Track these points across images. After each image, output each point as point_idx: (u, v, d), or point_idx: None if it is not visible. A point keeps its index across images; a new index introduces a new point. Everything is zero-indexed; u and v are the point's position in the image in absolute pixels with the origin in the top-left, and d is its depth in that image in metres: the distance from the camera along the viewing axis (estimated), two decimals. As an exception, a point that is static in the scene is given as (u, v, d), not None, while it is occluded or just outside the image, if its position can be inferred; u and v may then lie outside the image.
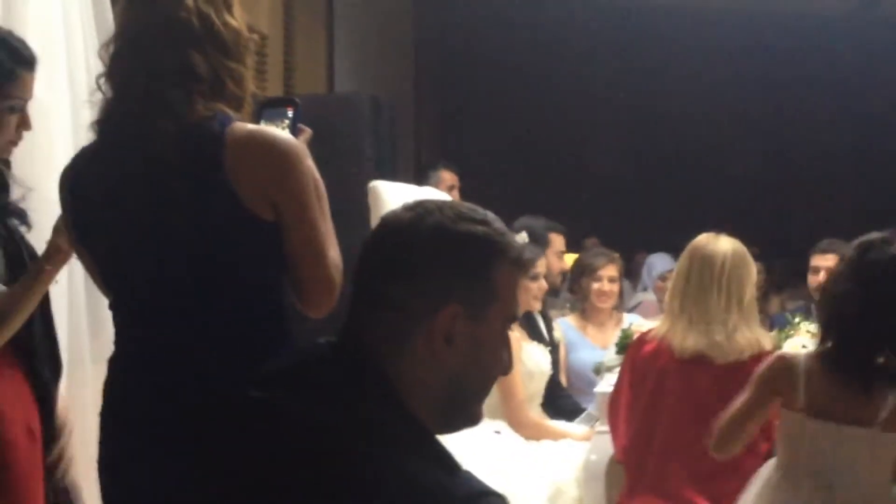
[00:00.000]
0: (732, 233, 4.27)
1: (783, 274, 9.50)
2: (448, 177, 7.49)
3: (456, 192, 7.22)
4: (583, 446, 4.70)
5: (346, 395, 1.85)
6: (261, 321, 2.57)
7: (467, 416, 1.96)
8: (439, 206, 1.95)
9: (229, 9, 2.63)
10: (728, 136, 13.55)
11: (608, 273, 5.95)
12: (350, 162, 5.62)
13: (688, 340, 4.08)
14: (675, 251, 10.85)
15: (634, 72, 13.32)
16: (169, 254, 2.54)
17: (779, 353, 3.55)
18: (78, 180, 2.64)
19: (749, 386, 3.46)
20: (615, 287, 6.01)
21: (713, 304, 4.08)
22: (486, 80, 12.99)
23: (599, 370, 5.11)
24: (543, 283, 5.36)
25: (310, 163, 2.59)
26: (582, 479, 4.47)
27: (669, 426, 4.08)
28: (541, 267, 5.35)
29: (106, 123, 2.61)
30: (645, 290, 9.19)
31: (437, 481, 1.78)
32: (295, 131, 2.69)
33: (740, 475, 3.97)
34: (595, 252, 6.39)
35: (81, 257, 2.73)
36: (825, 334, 3.33)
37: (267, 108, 2.73)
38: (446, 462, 1.84)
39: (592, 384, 5.30)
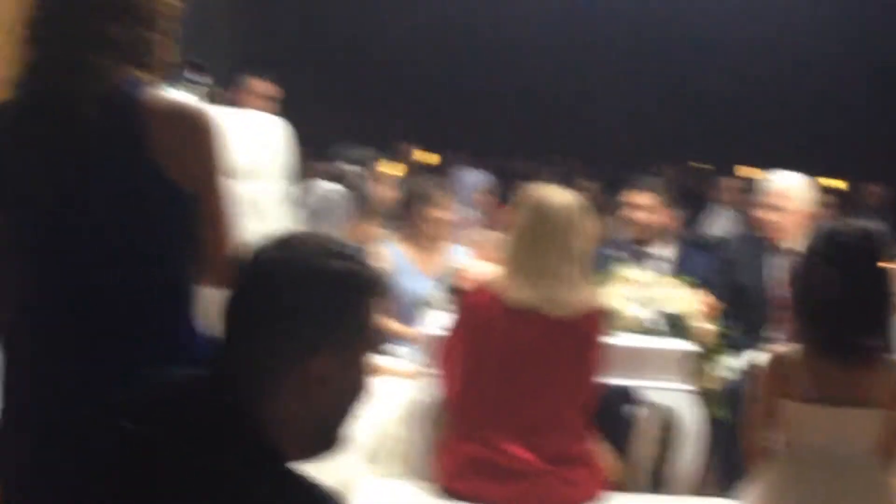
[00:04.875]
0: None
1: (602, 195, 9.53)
2: (261, 86, 7.34)
3: (271, 104, 7.10)
4: (407, 384, 4.77)
5: (213, 436, 1.91)
6: (168, 292, 2.62)
7: (333, 443, 2.04)
8: (308, 243, 1.99)
9: None
10: (535, 49, 13.70)
11: (444, 202, 5.97)
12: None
13: (521, 292, 4.12)
14: (482, 157, 11.07)
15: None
16: (86, 215, 2.56)
17: (772, 351, 3.67)
18: None
19: (755, 393, 3.73)
20: (449, 216, 6.03)
21: (548, 258, 4.13)
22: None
23: (425, 305, 5.17)
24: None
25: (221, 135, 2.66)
26: (407, 419, 4.53)
27: (499, 377, 4.13)
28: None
29: (27, 85, 2.62)
30: (459, 205, 9.31)
31: None
32: (211, 98, 2.74)
33: (561, 427, 4.16)
34: (430, 180, 6.40)
35: None
36: (810, 322, 3.46)
37: (182, 75, 2.77)
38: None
39: (416, 313, 5.38)
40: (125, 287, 2.56)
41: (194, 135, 2.59)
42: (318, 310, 1.94)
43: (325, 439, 2.02)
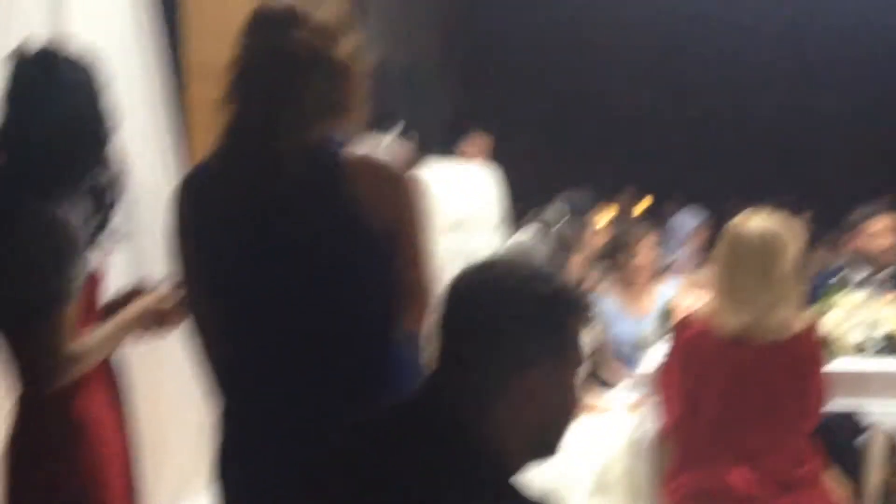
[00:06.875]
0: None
1: (814, 224, 9.45)
2: (479, 140, 7.56)
3: (485, 157, 7.30)
4: (628, 419, 4.86)
5: (436, 450, 2.05)
6: (383, 337, 2.74)
7: (551, 451, 2.16)
8: (513, 267, 2.13)
9: (340, 37, 2.76)
10: (754, 82, 13.53)
11: (645, 246, 6.12)
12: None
13: (728, 320, 4.17)
14: (705, 200, 11.04)
15: (658, 20, 13.33)
16: (289, 268, 2.69)
17: None
18: (199, 192, 2.78)
19: None
20: (652, 259, 6.19)
21: (748, 283, 4.15)
22: (511, 36, 13.04)
23: (643, 344, 5.25)
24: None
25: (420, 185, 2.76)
26: (631, 451, 4.60)
27: (716, 405, 4.18)
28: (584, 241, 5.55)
29: (226, 142, 2.76)
30: (675, 246, 9.40)
31: None
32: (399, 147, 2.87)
33: (785, 452, 4.15)
34: (629, 227, 6.55)
35: (190, 277, 2.84)
36: None
37: (377, 128, 2.87)
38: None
39: (633, 356, 5.49)
40: (331, 330, 2.69)
41: (394, 185, 2.68)
42: (526, 329, 2.06)
43: (541, 449, 2.14)
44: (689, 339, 4.28)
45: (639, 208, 10.96)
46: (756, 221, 4.23)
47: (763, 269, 4.15)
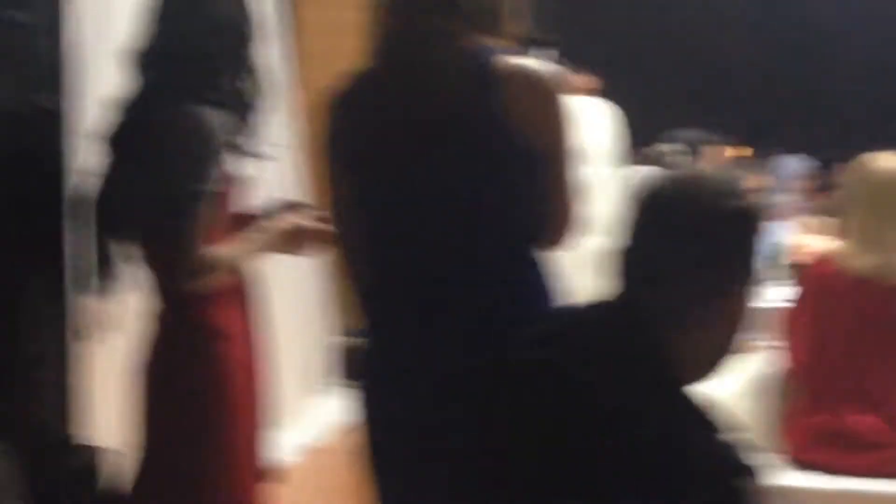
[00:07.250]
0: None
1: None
2: (586, 79, 7.41)
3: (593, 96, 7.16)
4: (749, 358, 4.74)
5: (624, 364, 1.99)
6: (526, 253, 2.69)
7: (718, 371, 2.11)
8: (706, 183, 2.04)
9: None
10: (857, 25, 13.24)
11: (754, 185, 6.04)
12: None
13: (859, 261, 4.08)
14: (804, 150, 10.87)
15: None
16: (439, 177, 2.65)
17: None
18: (353, 104, 2.75)
19: None
20: (759, 200, 6.14)
21: (880, 225, 4.07)
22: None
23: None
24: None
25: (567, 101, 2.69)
26: (752, 392, 4.50)
27: (845, 347, 4.10)
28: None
29: (381, 54, 2.73)
30: (780, 192, 9.25)
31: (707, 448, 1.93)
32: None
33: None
34: (739, 164, 6.46)
35: (338, 189, 2.80)
36: None
37: (532, 46, 2.84)
38: (709, 424, 1.98)
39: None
40: (477, 243, 2.64)
41: (546, 98, 2.62)
42: (726, 250, 2.02)
43: (712, 369, 2.08)
44: (818, 279, 4.20)
45: (741, 154, 10.79)
46: (889, 160, 4.13)
47: (893, 209, 4.05)
